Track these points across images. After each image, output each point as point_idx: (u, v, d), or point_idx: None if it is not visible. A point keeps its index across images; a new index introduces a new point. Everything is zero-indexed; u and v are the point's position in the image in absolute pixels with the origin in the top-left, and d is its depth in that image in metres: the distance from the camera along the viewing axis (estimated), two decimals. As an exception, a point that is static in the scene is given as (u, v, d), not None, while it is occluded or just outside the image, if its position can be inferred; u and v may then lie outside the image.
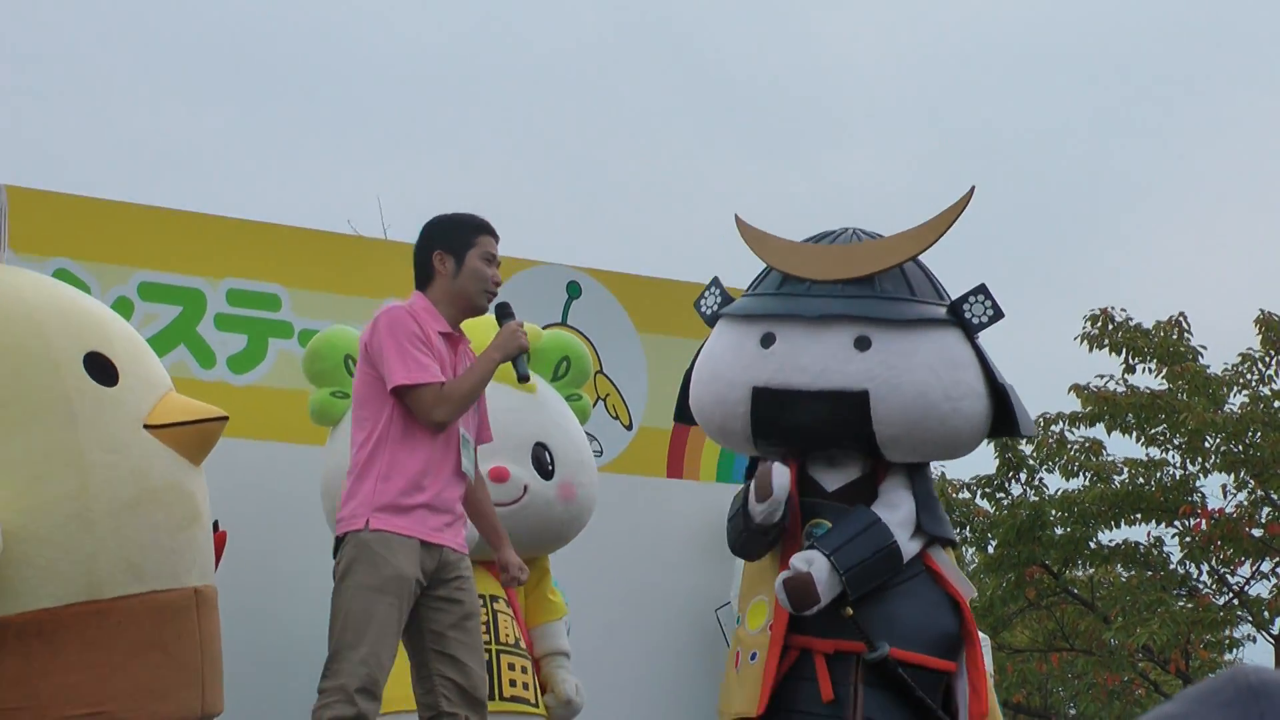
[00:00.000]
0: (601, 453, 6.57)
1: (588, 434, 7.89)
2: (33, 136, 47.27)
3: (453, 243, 5.97)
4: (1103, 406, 18.43)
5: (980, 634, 12.04)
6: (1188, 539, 18.62)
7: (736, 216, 6.77)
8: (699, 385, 6.43)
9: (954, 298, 6.67)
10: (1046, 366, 35.95)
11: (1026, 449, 19.19)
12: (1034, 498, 19.25)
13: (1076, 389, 18.63)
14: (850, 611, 6.11)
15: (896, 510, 6.38)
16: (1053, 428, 19.07)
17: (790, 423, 6.35)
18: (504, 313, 6.07)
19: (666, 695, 9.34)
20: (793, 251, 6.61)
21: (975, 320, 6.57)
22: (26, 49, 50.58)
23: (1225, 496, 18.66)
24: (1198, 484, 18.74)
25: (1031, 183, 59.52)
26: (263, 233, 9.40)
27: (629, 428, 7.37)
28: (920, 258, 6.72)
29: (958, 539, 6.86)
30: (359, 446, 5.76)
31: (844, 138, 63.67)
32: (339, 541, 5.72)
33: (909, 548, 6.36)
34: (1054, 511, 18.96)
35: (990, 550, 19.82)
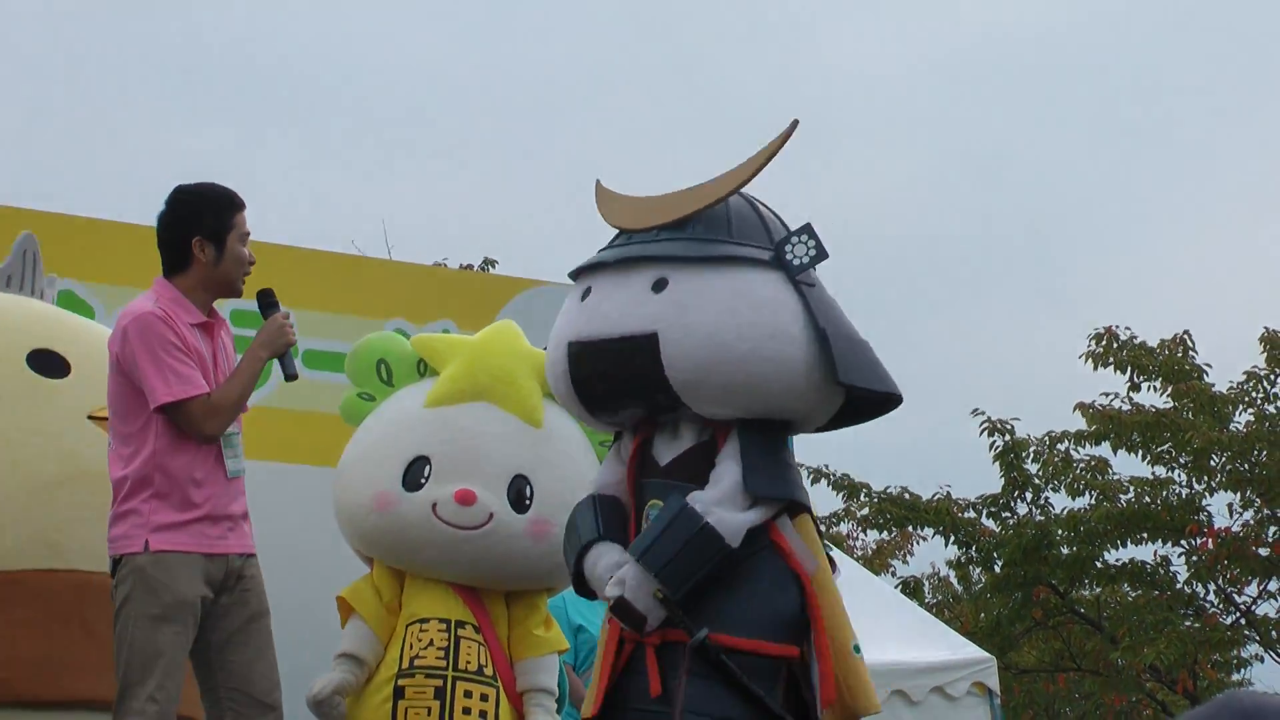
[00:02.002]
0: (603, 469, 6.57)
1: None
2: (33, 157, 47.38)
3: (212, 227, 5.60)
4: (1108, 425, 18.44)
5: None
6: (1194, 558, 18.63)
7: (597, 182, 6.54)
8: (546, 358, 6.09)
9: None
10: (1051, 385, 35.93)
11: (1031, 467, 19.20)
12: (1040, 517, 19.25)
13: (1082, 407, 18.64)
14: (660, 594, 5.75)
15: (718, 485, 5.76)
16: (1058, 446, 19.09)
17: (598, 373, 5.88)
18: (268, 303, 5.78)
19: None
20: (622, 206, 6.33)
21: (796, 261, 6.08)
22: (28, 69, 50.72)
23: (1232, 515, 18.70)
24: (1204, 503, 18.76)
25: (1034, 199, 59.56)
26: (266, 253, 9.35)
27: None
28: (763, 208, 6.43)
29: (808, 500, 6.27)
30: (125, 462, 5.37)
31: (842, 151, 63.73)
32: (115, 563, 5.32)
33: (737, 520, 5.71)
34: (1060, 531, 18.96)
35: (996, 570, 19.78)
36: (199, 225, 5.59)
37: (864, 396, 6.35)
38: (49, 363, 5.81)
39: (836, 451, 52.42)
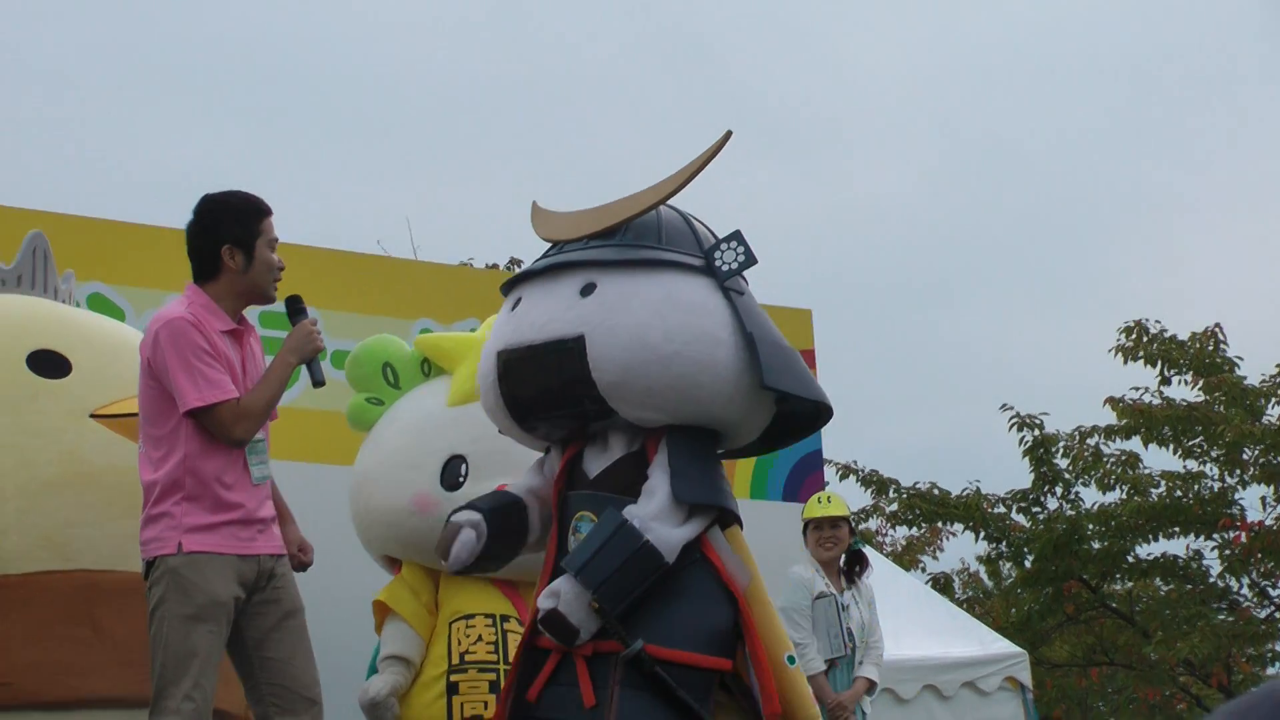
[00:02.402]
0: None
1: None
2: (58, 162, 47.50)
3: (240, 234, 5.63)
4: (1138, 419, 18.36)
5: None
6: (1227, 552, 18.53)
7: (533, 204, 6.45)
8: (478, 371, 6.00)
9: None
10: (1081, 380, 35.88)
11: (1061, 462, 19.14)
12: (1070, 512, 19.17)
13: (1112, 402, 18.56)
14: (596, 604, 5.67)
15: (652, 498, 5.72)
16: (1088, 441, 19.01)
17: (526, 380, 5.86)
18: (296, 308, 5.77)
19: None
20: (557, 221, 6.27)
21: (725, 267, 5.98)
22: (53, 76, 50.79)
23: (1265, 509, 18.59)
24: (1236, 496, 18.67)
25: (1059, 194, 59.41)
26: (292, 254, 9.37)
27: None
28: (695, 221, 6.36)
29: (738, 510, 6.19)
30: (156, 466, 5.38)
31: (856, 148, 63.56)
32: (148, 566, 5.33)
33: (674, 536, 5.69)
34: (1091, 525, 18.89)
35: (1027, 565, 19.72)
36: (227, 233, 5.61)
37: (793, 410, 6.35)
38: (50, 362, 5.81)
39: (866, 448, 52.37)
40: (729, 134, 6.15)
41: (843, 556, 9.48)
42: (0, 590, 5.34)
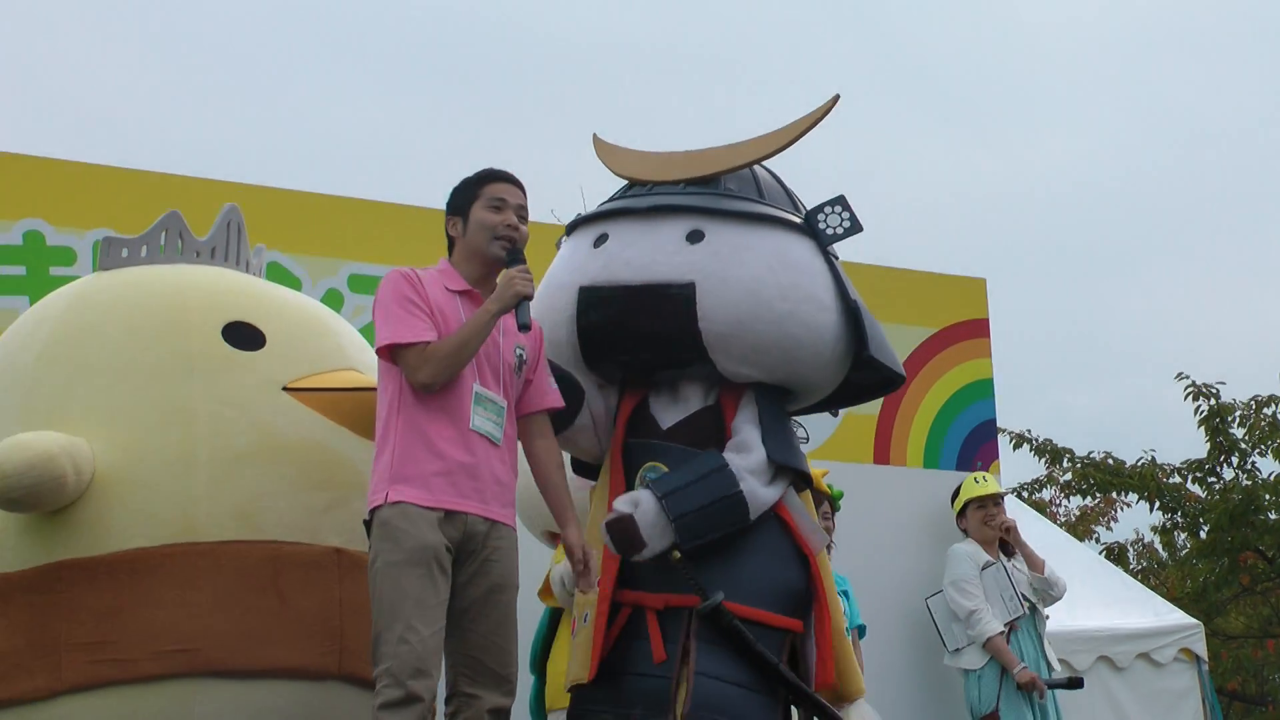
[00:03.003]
0: (808, 439, 6.50)
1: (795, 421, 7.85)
2: (229, 134, 48.11)
3: (458, 203, 5.76)
4: (1318, 388, 18.10)
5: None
6: None
7: (594, 135, 6.37)
8: (536, 301, 5.82)
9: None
10: (1259, 348, 35.31)
11: (1238, 432, 18.91)
12: (1247, 482, 18.92)
13: (1290, 371, 18.30)
14: (678, 555, 5.47)
15: (749, 455, 5.71)
16: (1265, 410, 18.76)
17: (612, 320, 5.79)
18: (510, 258, 5.67)
19: (873, 683, 9.31)
20: (640, 159, 6.14)
21: (830, 231, 5.97)
22: (214, 49, 51.47)
23: None
24: None
25: (1241, 158, 58.37)
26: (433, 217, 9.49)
27: (835, 414, 7.33)
28: (781, 179, 6.26)
29: (809, 472, 6.08)
30: (378, 419, 5.49)
31: (1037, 116, 62.84)
32: (368, 525, 5.42)
33: (764, 494, 5.70)
34: (1268, 496, 18.62)
35: (1203, 535, 19.49)
36: (450, 206, 5.78)
37: (866, 379, 6.31)
38: (244, 335, 5.86)
39: (1039, 416, 51.89)
40: (836, 97, 6.07)
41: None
42: (190, 557, 5.41)
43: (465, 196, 5.75)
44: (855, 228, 5.99)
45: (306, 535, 5.60)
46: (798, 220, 6.02)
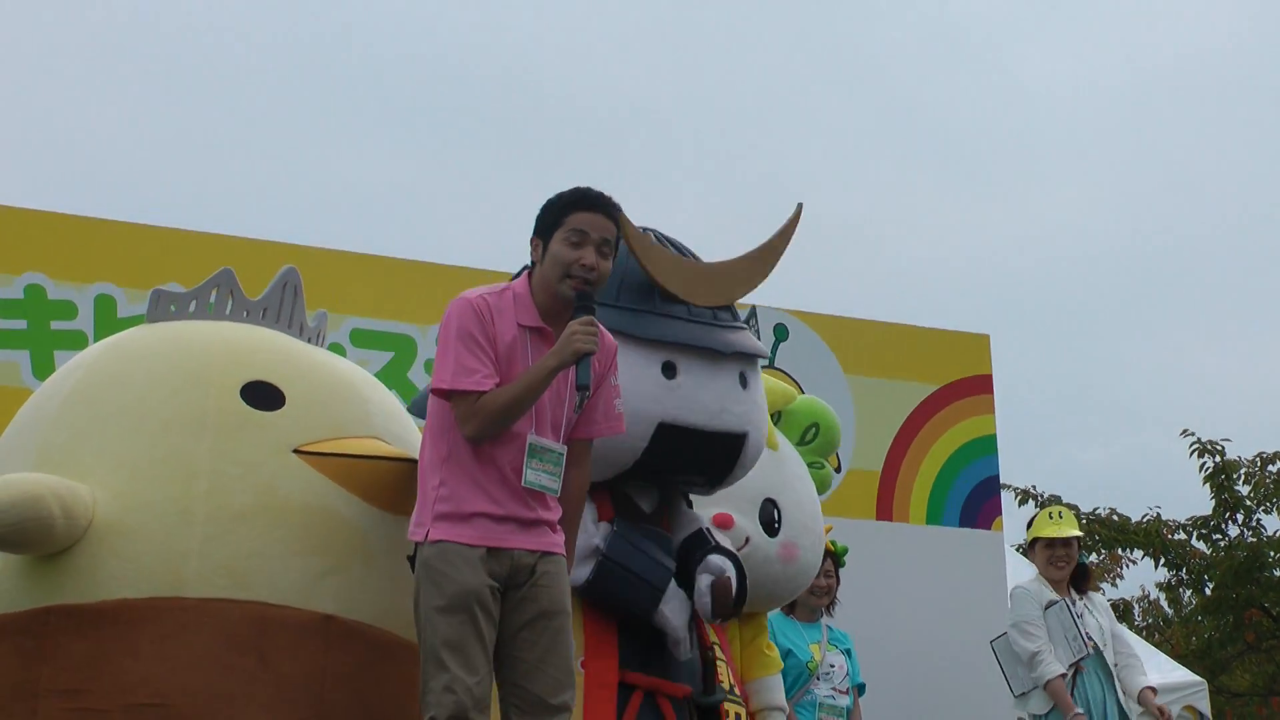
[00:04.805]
0: (811, 496, 6.60)
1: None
2: (228, 187, 48.30)
3: (544, 225, 5.34)
4: (1322, 445, 18.09)
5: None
6: None
7: (624, 221, 6.21)
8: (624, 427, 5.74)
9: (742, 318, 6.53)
10: (1262, 406, 35.30)
11: (1243, 489, 18.89)
12: (1251, 539, 18.91)
13: (1296, 427, 18.30)
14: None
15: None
16: (1269, 468, 18.76)
17: (673, 454, 5.97)
18: (580, 305, 5.23)
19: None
20: (675, 269, 6.16)
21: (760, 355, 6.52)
22: (226, 104, 51.67)
23: None
24: None
25: (1241, 217, 58.46)
26: (472, 279, 9.48)
27: (838, 470, 7.28)
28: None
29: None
30: (424, 447, 5.28)
31: (1041, 174, 62.94)
32: (411, 560, 5.28)
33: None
34: (1272, 553, 18.63)
35: (1207, 592, 19.46)
36: (538, 223, 5.40)
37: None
38: (264, 394, 5.78)
39: (1044, 472, 51.87)
40: (800, 206, 6.38)
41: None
42: (174, 612, 5.36)
43: (549, 220, 5.34)
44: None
45: (298, 599, 5.51)
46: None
